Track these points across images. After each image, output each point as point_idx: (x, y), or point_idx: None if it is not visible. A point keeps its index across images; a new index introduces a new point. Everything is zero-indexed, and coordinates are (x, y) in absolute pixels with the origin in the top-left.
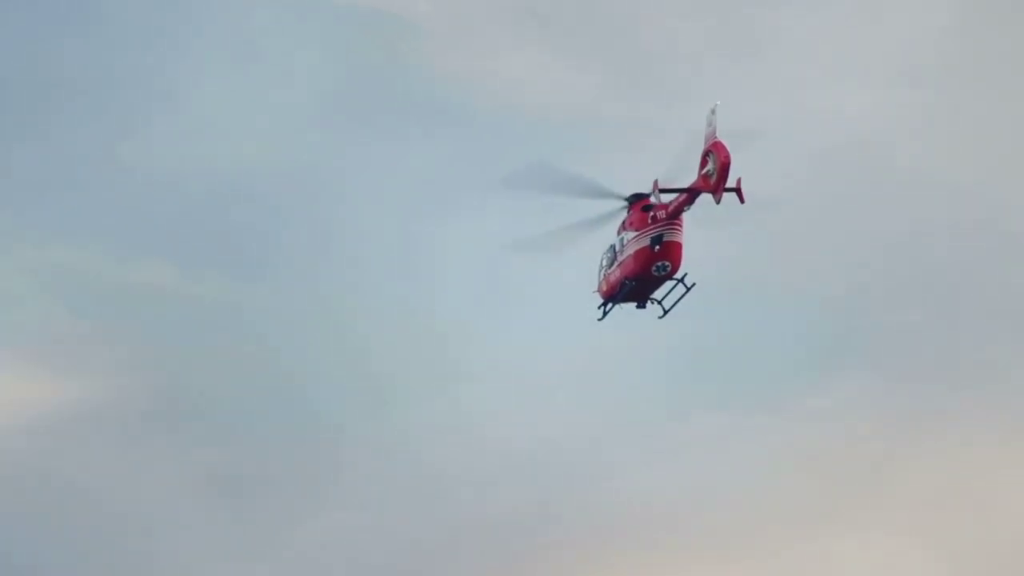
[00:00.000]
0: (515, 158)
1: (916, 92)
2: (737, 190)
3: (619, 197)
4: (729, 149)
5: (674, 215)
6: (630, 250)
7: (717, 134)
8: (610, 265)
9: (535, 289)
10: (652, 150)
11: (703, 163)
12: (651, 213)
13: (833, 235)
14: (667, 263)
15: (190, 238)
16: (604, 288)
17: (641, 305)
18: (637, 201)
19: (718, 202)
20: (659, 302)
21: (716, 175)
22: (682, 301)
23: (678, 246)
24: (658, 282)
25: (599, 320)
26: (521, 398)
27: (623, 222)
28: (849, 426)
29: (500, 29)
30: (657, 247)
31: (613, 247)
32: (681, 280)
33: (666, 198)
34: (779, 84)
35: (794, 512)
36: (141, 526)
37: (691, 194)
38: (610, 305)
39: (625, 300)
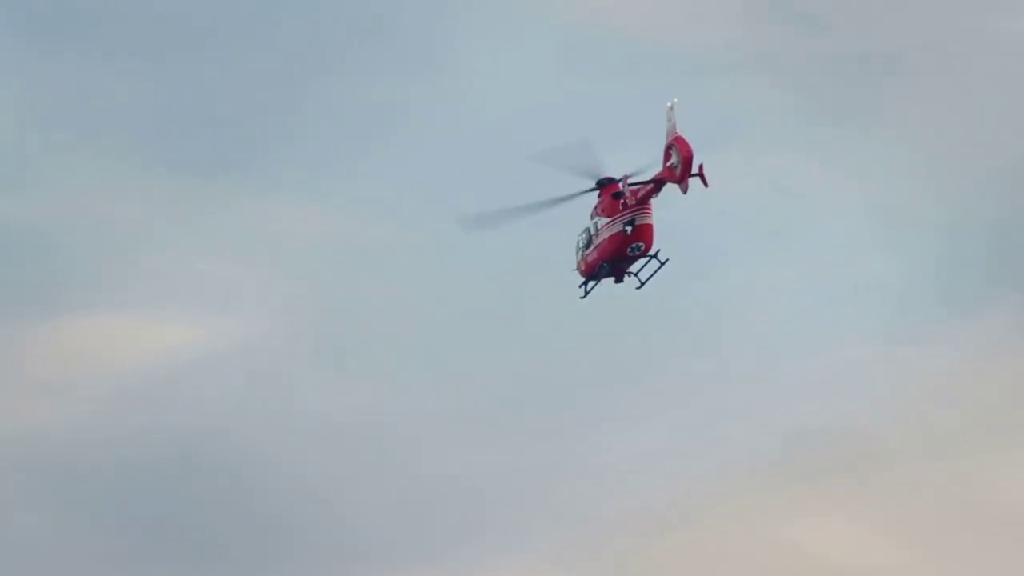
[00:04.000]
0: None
1: None
2: (700, 175)
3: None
4: (690, 142)
5: (642, 201)
6: (605, 234)
7: (677, 129)
8: (587, 247)
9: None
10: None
11: (667, 156)
12: (621, 200)
13: (984, 159)
14: (641, 244)
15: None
16: (583, 268)
17: (619, 280)
18: (607, 186)
19: (684, 191)
20: (635, 275)
21: (680, 168)
22: (659, 273)
23: (649, 227)
24: (633, 260)
25: (581, 298)
26: (675, 332)
27: (595, 207)
28: (995, 356)
29: None
30: (630, 230)
31: (588, 229)
32: (655, 256)
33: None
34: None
35: (938, 443)
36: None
37: (658, 184)
38: (592, 283)
39: (605, 277)
